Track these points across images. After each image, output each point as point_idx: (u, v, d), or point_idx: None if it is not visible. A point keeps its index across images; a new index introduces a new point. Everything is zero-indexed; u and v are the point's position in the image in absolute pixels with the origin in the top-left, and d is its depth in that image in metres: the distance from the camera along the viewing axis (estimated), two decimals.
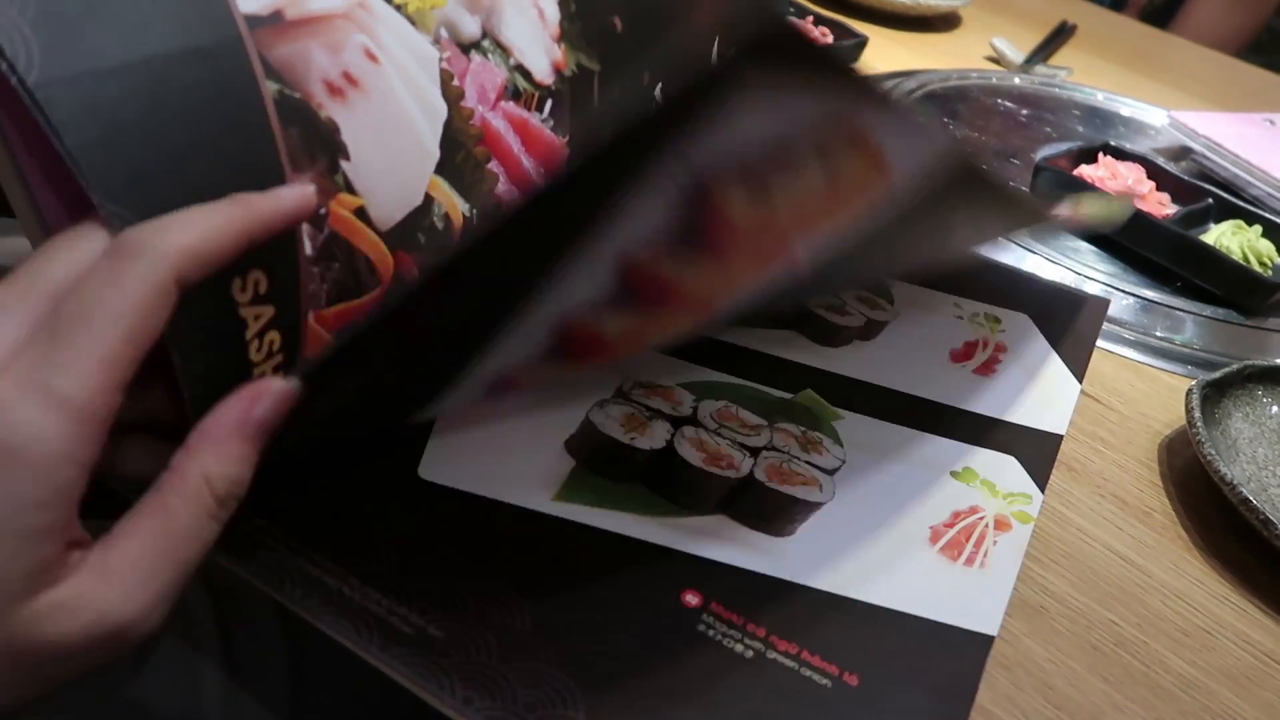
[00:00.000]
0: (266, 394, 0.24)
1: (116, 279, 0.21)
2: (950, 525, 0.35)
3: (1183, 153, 0.78)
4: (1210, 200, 0.65)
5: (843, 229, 0.29)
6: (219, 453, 0.23)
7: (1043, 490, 0.37)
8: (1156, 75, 1.05)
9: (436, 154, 0.29)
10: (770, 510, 0.34)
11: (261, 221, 0.24)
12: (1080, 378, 0.44)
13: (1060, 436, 0.40)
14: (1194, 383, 0.44)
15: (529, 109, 0.31)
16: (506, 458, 0.34)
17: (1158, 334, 0.54)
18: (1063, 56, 1.02)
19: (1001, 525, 0.35)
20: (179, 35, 0.24)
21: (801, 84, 0.21)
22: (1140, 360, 0.52)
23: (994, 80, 0.88)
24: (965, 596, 0.32)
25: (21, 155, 0.25)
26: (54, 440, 0.19)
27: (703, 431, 0.36)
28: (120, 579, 0.21)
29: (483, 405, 0.35)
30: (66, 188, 0.25)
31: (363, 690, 0.39)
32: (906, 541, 0.34)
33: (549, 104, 0.32)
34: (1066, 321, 0.47)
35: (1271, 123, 0.82)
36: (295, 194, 0.25)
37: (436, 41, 0.29)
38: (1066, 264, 0.58)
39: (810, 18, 0.85)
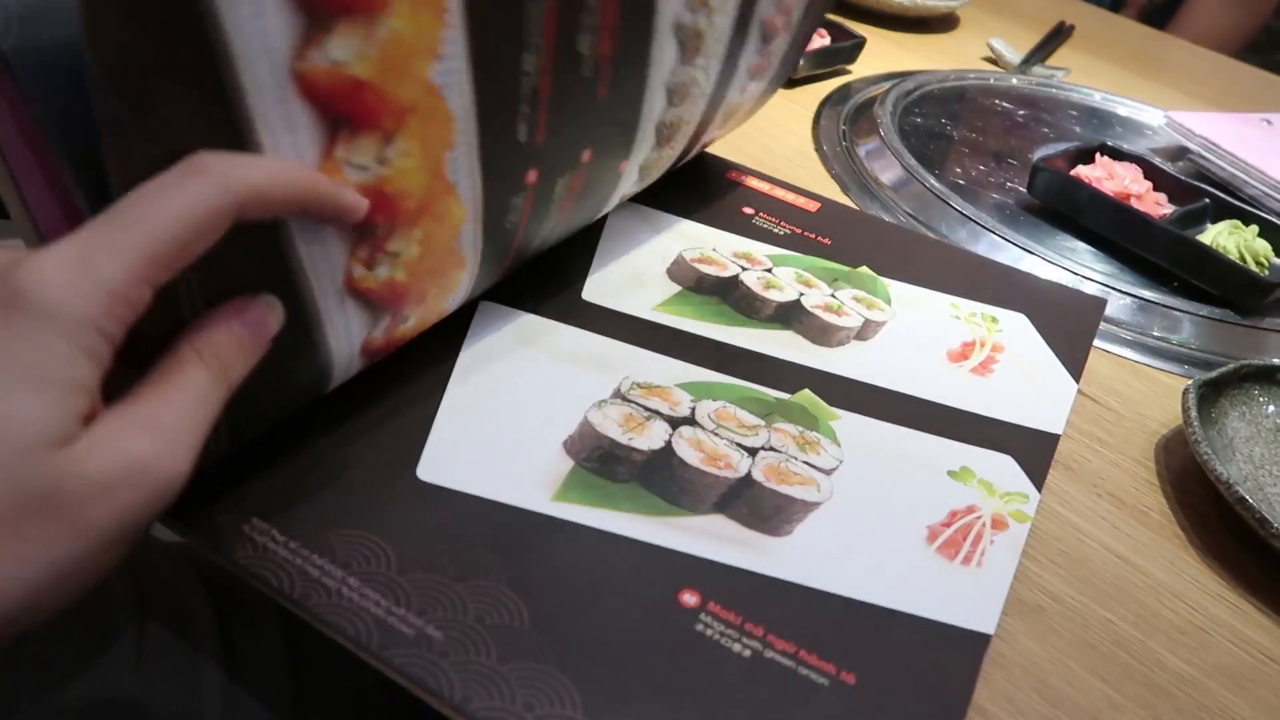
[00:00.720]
0: (277, 311, 0.26)
1: (185, 189, 0.21)
2: (947, 524, 0.35)
3: (1180, 153, 0.78)
4: (1207, 200, 0.65)
5: None
6: (227, 331, 0.25)
7: (1039, 489, 0.37)
8: (1154, 75, 1.05)
9: None
10: (768, 510, 0.34)
11: (320, 197, 0.25)
12: (1077, 377, 0.44)
13: (1057, 436, 0.40)
14: (1190, 382, 0.44)
15: None
16: (505, 458, 0.34)
17: (1155, 333, 0.55)
18: (1060, 57, 1.02)
19: (998, 524, 0.35)
20: None
21: None
22: (1137, 360, 0.53)
23: (991, 81, 0.88)
24: (962, 595, 0.32)
25: (13, 151, 0.25)
26: (83, 306, 0.20)
27: (701, 431, 0.37)
28: (149, 421, 0.22)
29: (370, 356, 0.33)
30: (57, 184, 0.25)
31: (362, 690, 0.39)
32: (904, 541, 0.34)
33: None
34: (1063, 321, 0.47)
35: (1268, 123, 0.82)
36: (354, 197, 0.26)
37: None
38: (1063, 264, 0.58)
39: None
